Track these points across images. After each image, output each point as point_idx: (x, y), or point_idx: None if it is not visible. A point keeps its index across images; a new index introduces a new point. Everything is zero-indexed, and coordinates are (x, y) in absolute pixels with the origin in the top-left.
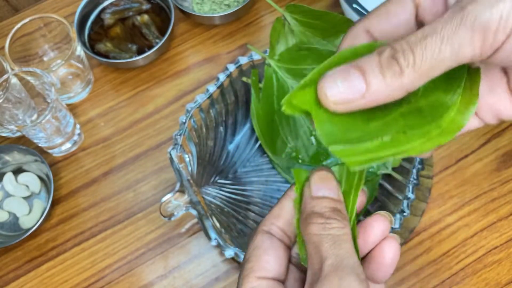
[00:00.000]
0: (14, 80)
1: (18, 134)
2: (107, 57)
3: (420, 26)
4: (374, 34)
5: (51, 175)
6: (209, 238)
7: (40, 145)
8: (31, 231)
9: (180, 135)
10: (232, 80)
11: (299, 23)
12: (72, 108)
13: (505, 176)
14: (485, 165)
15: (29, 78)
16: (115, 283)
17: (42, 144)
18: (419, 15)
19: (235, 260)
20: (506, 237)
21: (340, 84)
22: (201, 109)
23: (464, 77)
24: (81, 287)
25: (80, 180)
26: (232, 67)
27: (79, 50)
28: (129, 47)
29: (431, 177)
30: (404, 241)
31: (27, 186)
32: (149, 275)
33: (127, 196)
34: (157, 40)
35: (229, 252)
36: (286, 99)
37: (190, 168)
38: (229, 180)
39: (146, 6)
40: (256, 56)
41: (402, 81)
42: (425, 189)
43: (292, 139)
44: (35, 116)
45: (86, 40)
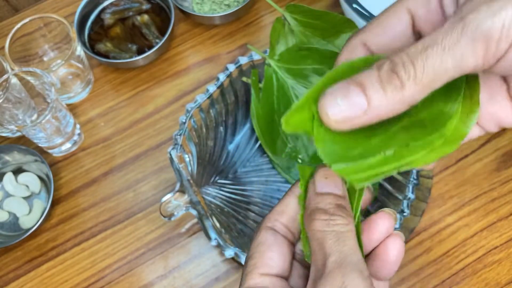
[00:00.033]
0: (14, 80)
1: (18, 134)
2: (107, 57)
3: (418, 37)
4: (371, 47)
5: (51, 175)
6: (209, 238)
7: (40, 145)
8: (31, 231)
9: (180, 135)
10: (232, 80)
11: (299, 23)
12: (72, 108)
13: (505, 176)
14: (485, 165)
15: (29, 78)
16: (115, 283)
17: (42, 144)
18: (416, 25)
19: (235, 260)
20: (506, 237)
21: (341, 102)
22: (201, 109)
23: (463, 86)
24: (81, 287)
25: (80, 180)
26: (232, 67)
27: (79, 50)
28: (129, 47)
29: (431, 177)
30: (404, 241)
31: (27, 186)
32: (149, 275)
33: (127, 196)
34: (157, 40)
35: (229, 252)
36: (285, 119)
37: (190, 168)
38: (229, 180)
39: (146, 6)
40: (256, 56)
41: (404, 95)
42: (425, 189)
43: (292, 139)
44: (35, 116)
45: (86, 40)
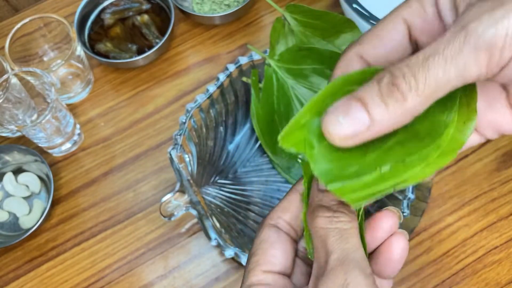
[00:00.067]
0: (14, 80)
1: (18, 134)
2: (107, 57)
3: (415, 47)
4: (368, 59)
5: (51, 175)
6: (209, 238)
7: (40, 145)
8: (31, 231)
9: (180, 135)
10: (232, 80)
11: (299, 23)
12: (72, 108)
13: (505, 176)
14: (485, 165)
15: (29, 78)
16: (115, 283)
17: (42, 144)
18: (412, 35)
19: (235, 260)
20: (506, 237)
21: (343, 120)
22: (201, 109)
23: (459, 93)
24: (81, 287)
25: (80, 180)
26: (232, 67)
27: (79, 50)
28: (129, 47)
29: (431, 177)
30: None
31: (27, 186)
32: (149, 275)
33: (127, 196)
34: (157, 40)
35: (229, 252)
36: (281, 137)
37: (190, 168)
38: (229, 180)
39: (146, 6)
40: (256, 56)
41: (406, 107)
42: (425, 189)
43: None
44: (35, 116)
45: (86, 40)
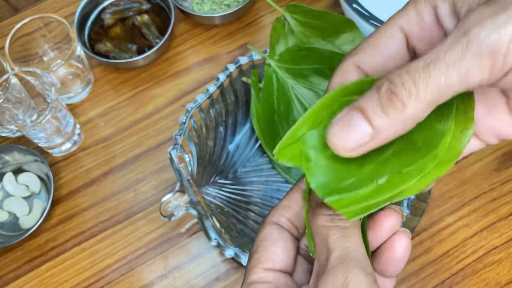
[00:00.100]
0: (14, 80)
1: (18, 134)
2: (107, 57)
3: (413, 55)
4: (365, 69)
5: (51, 175)
6: (209, 238)
7: (40, 145)
8: (31, 231)
9: (180, 135)
10: (232, 80)
11: (299, 23)
12: (72, 108)
13: (505, 176)
14: (485, 165)
15: (29, 78)
16: (115, 283)
17: (42, 144)
18: (410, 44)
19: (235, 260)
20: (506, 237)
21: (346, 131)
22: (201, 109)
23: (456, 101)
24: (81, 287)
25: (80, 180)
26: (232, 67)
27: (79, 50)
28: (129, 47)
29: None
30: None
31: (27, 186)
32: (149, 275)
33: (127, 196)
34: (157, 40)
35: (229, 252)
36: (276, 150)
37: (190, 168)
38: (229, 180)
39: (146, 6)
40: (256, 56)
41: (406, 115)
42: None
43: None
44: (35, 116)
45: (86, 40)
